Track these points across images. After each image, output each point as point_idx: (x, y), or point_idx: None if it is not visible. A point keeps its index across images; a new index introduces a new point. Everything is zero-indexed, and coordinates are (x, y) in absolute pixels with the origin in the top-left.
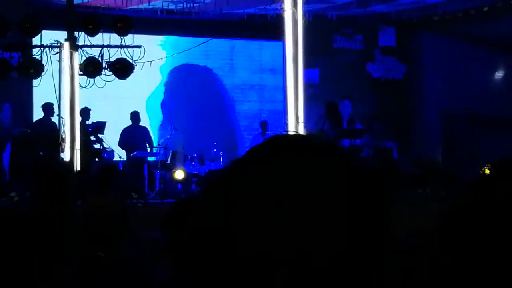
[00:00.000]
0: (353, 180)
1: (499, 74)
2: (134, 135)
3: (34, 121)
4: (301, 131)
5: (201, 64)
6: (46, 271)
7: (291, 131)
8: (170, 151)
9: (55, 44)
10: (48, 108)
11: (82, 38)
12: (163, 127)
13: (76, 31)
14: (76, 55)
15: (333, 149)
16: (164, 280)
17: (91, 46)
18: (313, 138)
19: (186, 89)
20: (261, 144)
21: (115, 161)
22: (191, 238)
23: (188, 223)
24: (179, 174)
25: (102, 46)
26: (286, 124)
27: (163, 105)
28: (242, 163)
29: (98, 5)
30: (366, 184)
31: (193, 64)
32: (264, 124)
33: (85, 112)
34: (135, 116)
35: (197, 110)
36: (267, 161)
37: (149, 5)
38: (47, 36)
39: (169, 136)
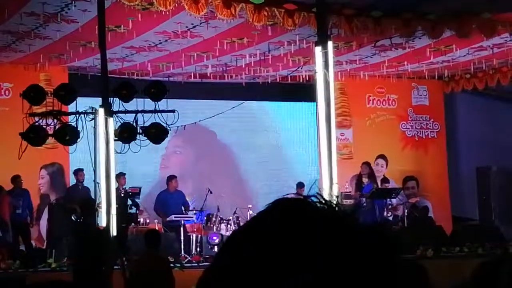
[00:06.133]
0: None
1: None
2: (169, 199)
3: (68, 187)
4: (335, 192)
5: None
6: None
7: (324, 192)
8: (205, 214)
9: (90, 111)
10: (76, 173)
11: (117, 104)
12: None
13: (110, 97)
14: (111, 121)
15: (332, 215)
16: None
17: (126, 112)
18: (312, 203)
19: (220, 152)
20: (263, 212)
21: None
22: None
23: None
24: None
25: (136, 112)
26: (320, 186)
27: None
28: (244, 233)
29: (131, 71)
30: (370, 251)
31: (225, 127)
32: (300, 186)
33: (121, 177)
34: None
35: (230, 172)
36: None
37: (182, 69)
38: (82, 103)
39: (204, 199)
